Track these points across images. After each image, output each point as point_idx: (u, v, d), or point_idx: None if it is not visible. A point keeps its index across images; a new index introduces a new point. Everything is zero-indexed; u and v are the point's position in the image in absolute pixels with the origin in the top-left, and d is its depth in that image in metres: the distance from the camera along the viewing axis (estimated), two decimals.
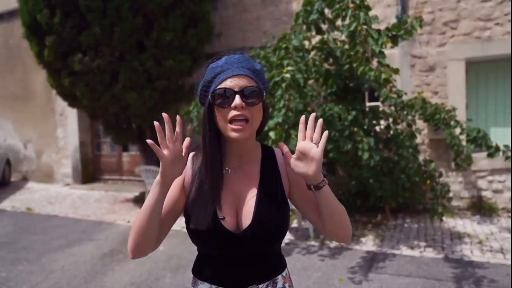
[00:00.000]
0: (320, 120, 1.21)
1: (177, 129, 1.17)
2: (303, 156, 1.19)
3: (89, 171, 9.98)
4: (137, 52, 6.23)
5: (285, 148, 1.26)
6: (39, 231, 6.08)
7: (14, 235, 5.90)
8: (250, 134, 1.25)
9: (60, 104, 9.49)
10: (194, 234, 1.27)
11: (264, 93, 1.25)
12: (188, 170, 1.34)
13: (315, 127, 1.21)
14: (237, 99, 1.18)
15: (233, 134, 1.20)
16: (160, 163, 1.16)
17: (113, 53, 6.24)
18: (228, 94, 1.19)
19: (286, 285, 1.38)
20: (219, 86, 1.21)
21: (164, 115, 1.16)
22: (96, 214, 6.99)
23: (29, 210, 7.46)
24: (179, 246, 5.00)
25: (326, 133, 1.19)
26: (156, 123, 1.16)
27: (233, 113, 1.19)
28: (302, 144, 1.20)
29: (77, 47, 6.25)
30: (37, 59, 6.75)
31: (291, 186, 1.35)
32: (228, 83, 1.20)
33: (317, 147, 1.17)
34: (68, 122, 9.80)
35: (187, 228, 1.29)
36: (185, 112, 4.80)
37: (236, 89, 1.19)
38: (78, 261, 4.72)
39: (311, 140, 1.19)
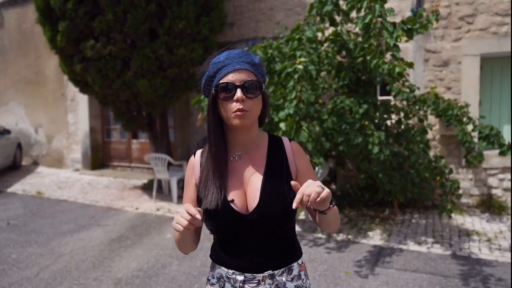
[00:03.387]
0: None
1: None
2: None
3: (99, 157, 10.06)
4: (149, 40, 6.23)
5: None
6: (49, 215, 6.16)
7: (25, 218, 5.99)
8: (251, 121, 1.33)
9: (72, 89, 9.55)
10: (207, 214, 1.34)
11: (263, 86, 1.34)
12: (197, 167, 1.44)
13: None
14: (239, 93, 1.27)
15: (235, 121, 1.29)
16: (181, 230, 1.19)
17: (125, 40, 6.24)
18: (230, 88, 1.28)
19: (302, 273, 1.43)
20: (222, 81, 1.30)
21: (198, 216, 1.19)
22: (105, 200, 7.06)
23: (39, 194, 7.55)
24: None
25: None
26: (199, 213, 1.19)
27: (235, 105, 1.28)
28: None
29: (89, 33, 6.27)
30: (50, 45, 6.78)
31: (297, 176, 1.41)
32: (230, 78, 1.29)
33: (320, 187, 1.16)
34: (79, 108, 9.86)
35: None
36: (196, 101, 4.79)
37: (237, 83, 1.28)
38: (87, 245, 4.78)
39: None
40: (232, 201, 1.32)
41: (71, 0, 6.04)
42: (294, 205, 1.15)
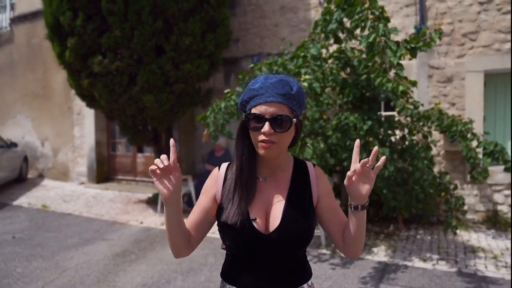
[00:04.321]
0: (375, 148, 1.31)
1: (172, 157, 1.31)
2: (360, 177, 1.29)
3: (104, 171, 10.12)
4: (156, 55, 6.32)
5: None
6: (54, 228, 6.19)
7: (30, 231, 6.02)
8: (278, 152, 1.36)
9: (78, 103, 9.65)
10: (224, 228, 1.37)
11: (294, 120, 1.33)
12: (220, 180, 1.46)
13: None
14: (266, 127, 1.29)
15: (261, 152, 1.34)
16: (161, 195, 1.34)
17: (132, 55, 6.33)
18: (260, 120, 1.30)
19: None
20: (253, 111, 1.32)
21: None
22: (110, 214, 7.08)
23: (44, 207, 7.59)
24: None
25: (382, 159, 1.30)
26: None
27: (262, 137, 1.31)
28: (360, 165, 1.29)
29: (97, 49, 6.38)
30: (58, 60, 6.89)
31: (319, 200, 1.45)
32: (261, 109, 1.31)
33: (372, 171, 1.30)
34: (85, 121, 9.96)
35: (219, 224, 1.41)
36: (201, 117, 4.84)
37: (266, 116, 1.30)
38: (91, 260, 4.79)
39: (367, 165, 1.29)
40: (255, 219, 1.34)
41: (80, 17, 6.16)
42: (358, 166, 1.27)
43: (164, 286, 4.03)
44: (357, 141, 1.33)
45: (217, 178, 1.47)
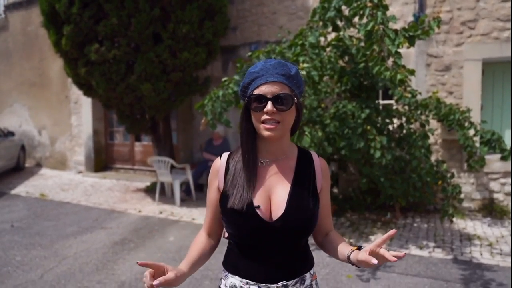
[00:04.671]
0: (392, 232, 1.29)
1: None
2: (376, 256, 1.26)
3: (102, 160, 10.12)
4: (153, 44, 6.28)
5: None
6: (52, 217, 6.20)
7: (28, 220, 6.04)
8: (282, 133, 1.35)
9: (75, 92, 9.61)
10: (230, 215, 1.35)
11: (295, 99, 1.34)
12: (221, 171, 1.45)
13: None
14: (269, 105, 1.29)
15: (266, 133, 1.32)
16: None
17: (130, 44, 6.29)
18: (262, 100, 1.30)
19: (313, 283, 1.45)
20: (254, 92, 1.32)
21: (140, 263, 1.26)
22: (108, 202, 7.10)
23: (42, 196, 7.60)
24: (190, 237, 5.07)
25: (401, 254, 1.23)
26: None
27: (265, 116, 1.30)
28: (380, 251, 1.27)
29: (94, 37, 6.33)
30: (54, 48, 6.84)
31: (321, 192, 1.46)
32: (263, 89, 1.30)
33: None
34: (82, 110, 9.92)
35: (224, 211, 1.39)
36: (199, 105, 4.83)
37: (268, 96, 1.29)
38: (90, 248, 4.82)
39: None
40: (259, 207, 1.33)
41: (76, 4, 6.11)
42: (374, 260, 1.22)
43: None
44: (392, 231, 1.27)
45: (218, 169, 1.45)
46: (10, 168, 9.77)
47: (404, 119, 5.40)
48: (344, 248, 1.41)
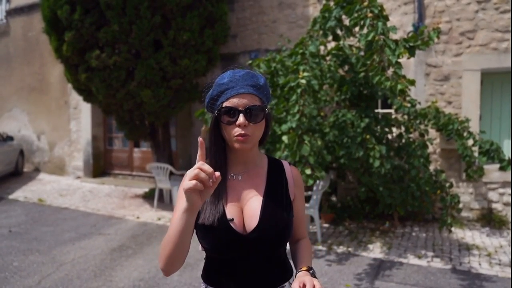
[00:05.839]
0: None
1: (201, 155, 1.16)
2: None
3: (100, 165, 10.10)
4: (154, 51, 6.31)
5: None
6: (50, 222, 6.18)
7: (26, 225, 6.01)
8: (252, 144, 1.33)
9: (75, 97, 9.62)
10: (201, 230, 1.31)
11: (266, 110, 1.33)
12: None
13: None
14: (241, 118, 1.26)
15: (237, 145, 1.30)
16: (190, 196, 1.13)
17: (130, 50, 6.32)
18: (233, 112, 1.27)
19: None
20: (225, 104, 1.28)
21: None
22: (106, 208, 7.08)
23: (41, 202, 7.58)
24: None
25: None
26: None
27: (237, 130, 1.27)
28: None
29: (95, 43, 6.35)
30: (55, 54, 6.86)
31: (294, 200, 1.44)
32: (233, 102, 1.28)
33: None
34: (81, 116, 9.93)
35: (196, 226, 1.32)
36: (199, 113, 4.84)
37: (240, 108, 1.27)
38: (88, 254, 4.80)
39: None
40: (232, 220, 1.30)
41: (78, 11, 6.14)
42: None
43: (161, 281, 4.05)
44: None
45: None
46: (8, 173, 9.75)
47: (403, 128, 5.42)
48: (298, 264, 1.42)
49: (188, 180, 1.10)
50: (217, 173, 1.12)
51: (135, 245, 5.16)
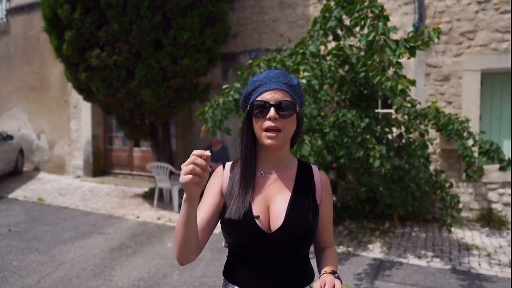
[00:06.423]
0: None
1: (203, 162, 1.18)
2: None
3: (100, 165, 10.10)
4: (154, 50, 6.30)
5: None
6: (50, 222, 6.18)
7: (26, 224, 6.01)
8: (283, 142, 1.36)
9: (75, 97, 9.62)
10: (227, 225, 1.34)
11: (298, 107, 1.36)
12: (225, 178, 1.43)
13: None
14: (272, 111, 1.30)
15: (267, 141, 1.32)
16: (188, 188, 1.16)
17: (130, 49, 6.31)
18: (265, 106, 1.32)
19: None
20: (258, 98, 1.34)
21: (207, 153, 1.18)
22: (106, 207, 7.08)
23: (40, 201, 7.58)
24: None
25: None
26: (207, 153, 1.18)
27: (268, 123, 1.31)
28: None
29: (95, 42, 6.35)
30: (55, 53, 6.85)
31: (321, 205, 1.44)
32: (266, 96, 1.33)
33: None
34: (81, 115, 9.93)
35: (222, 221, 1.37)
36: (199, 113, 4.84)
37: (271, 102, 1.32)
38: (87, 254, 4.80)
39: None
40: (258, 217, 1.32)
41: (78, 10, 6.13)
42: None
43: (161, 281, 4.05)
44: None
45: (222, 174, 1.43)
46: (8, 172, 9.74)
47: (403, 128, 5.42)
48: (323, 268, 1.40)
49: (183, 175, 1.14)
50: (207, 152, 1.16)
51: (135, 244, 5.16)
